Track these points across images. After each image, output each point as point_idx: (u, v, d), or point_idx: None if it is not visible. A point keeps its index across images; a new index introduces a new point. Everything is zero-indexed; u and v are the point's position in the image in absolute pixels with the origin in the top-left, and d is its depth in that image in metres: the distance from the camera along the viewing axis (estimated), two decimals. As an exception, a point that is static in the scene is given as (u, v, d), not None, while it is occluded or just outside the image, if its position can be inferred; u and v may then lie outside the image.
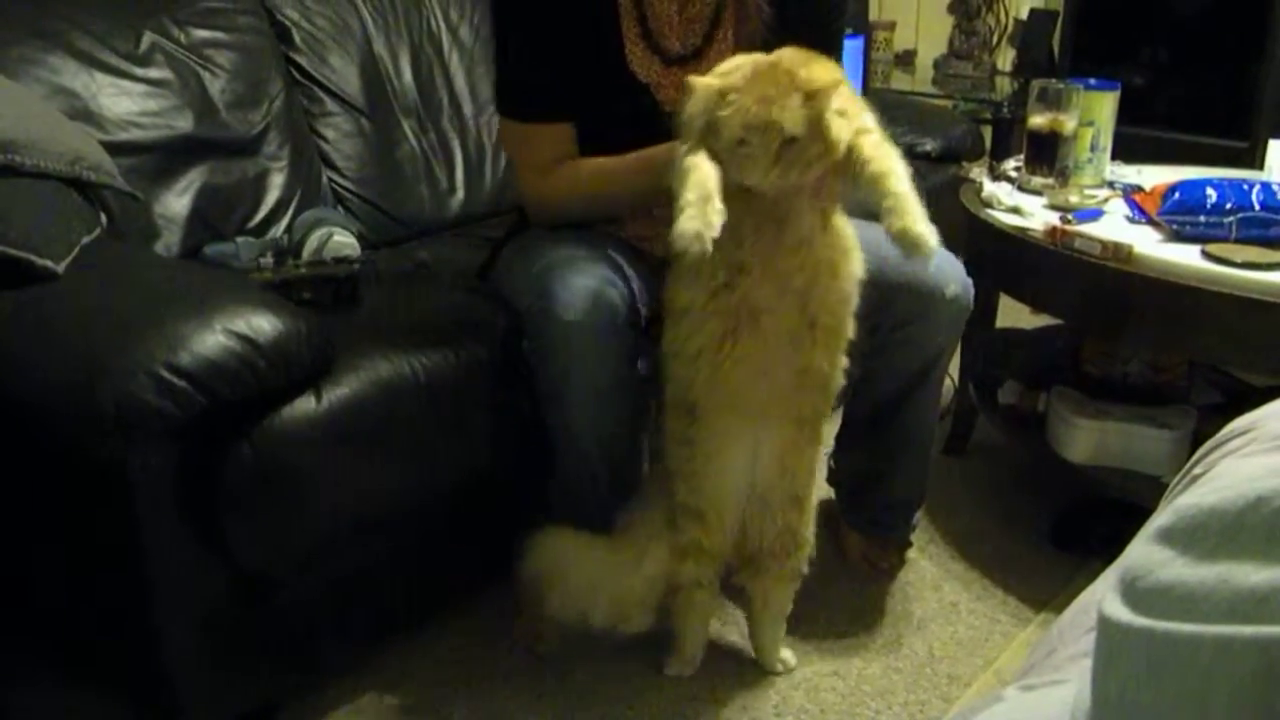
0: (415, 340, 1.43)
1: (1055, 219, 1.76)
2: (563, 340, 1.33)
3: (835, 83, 1.16)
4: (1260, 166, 2.04)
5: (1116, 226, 1.74)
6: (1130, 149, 2.06)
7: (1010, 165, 2.05)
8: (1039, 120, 1.91)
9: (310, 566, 1.33)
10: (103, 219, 1.52)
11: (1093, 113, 1.91)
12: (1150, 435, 1.76)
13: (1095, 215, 1.78)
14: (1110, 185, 1.94)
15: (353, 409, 1.31)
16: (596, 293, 1.33)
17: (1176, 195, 1.67)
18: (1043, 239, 1.73)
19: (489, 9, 1.54)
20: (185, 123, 1.81)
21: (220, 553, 1.24)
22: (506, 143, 1.66)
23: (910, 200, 1.16)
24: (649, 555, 1.42)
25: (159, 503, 1.18)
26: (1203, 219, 1.62)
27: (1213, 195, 1.63)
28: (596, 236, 1.48)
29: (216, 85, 1.87)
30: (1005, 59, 3.47)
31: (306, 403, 1.27)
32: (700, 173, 1.16)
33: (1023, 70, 3.23)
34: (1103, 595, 0.43)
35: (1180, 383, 1.92)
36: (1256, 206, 1.60)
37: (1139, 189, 1.86)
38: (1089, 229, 1.70)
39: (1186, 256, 1.59)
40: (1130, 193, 1.84)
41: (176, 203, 1.77)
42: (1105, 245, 1.62)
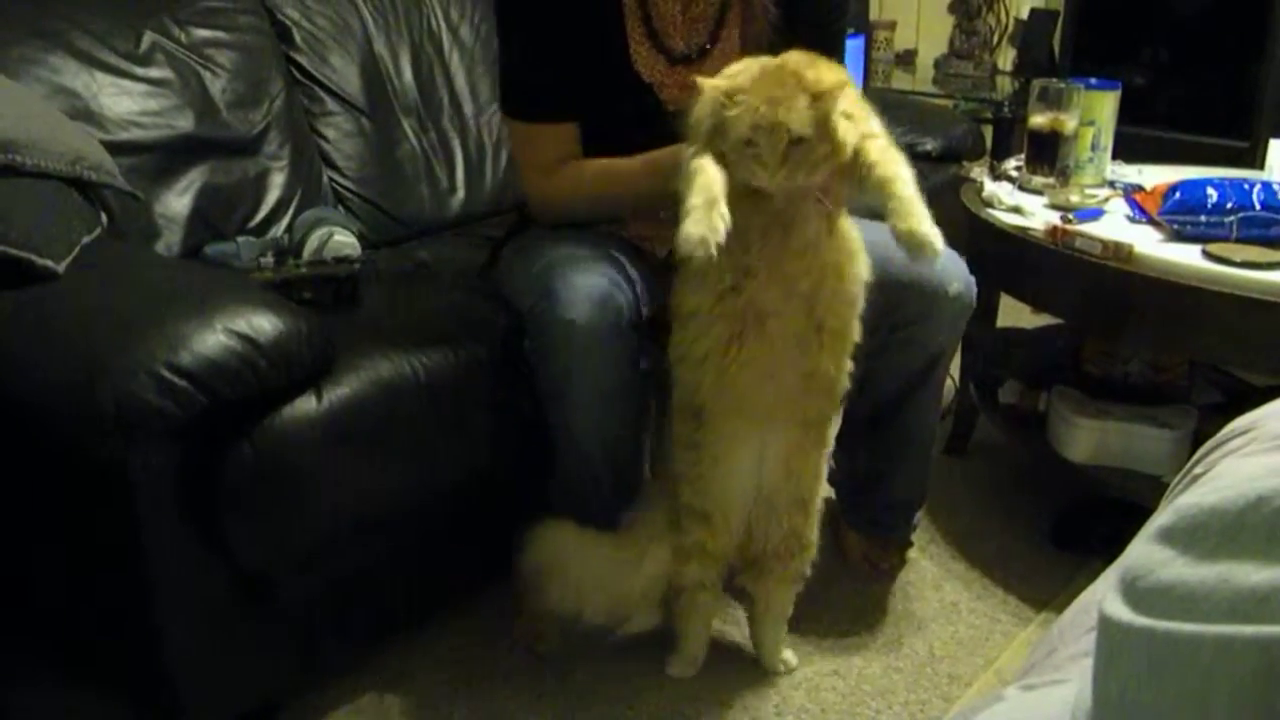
0: (416, 340, 1.43)
1: (1056, 218, 1.76)
2: (564, 340, 1.33)
3: (841, 84, 1.17)
4: (1261, 166, 2.04)
5: (1117, 226, 1.74)
6: (1131, 149, 2.06)
7: (1011, 165, 2.05)
8: (1040, 120, 1.91)
9: (310, 566, 1.33)
10: (103, 219, 1.52)
11: (1093, 112, 1.91)
12: (1151, 435, 1.76)
13: (1096, 215, 1.78)
14: (1111, 185, 1.94)
15: (353, 409, 1.31)
16: (599, 292, 1.33)
17: (1177, 195, 1.67)
18: (1043, 238, 1.73)
19: (493, 8, 1.54)
20: (186, 122, 1.81)
21: (220, 552, 1.24)
22: (511, 142, 1.66)
23: (916, 203, 1.16)
24: (650, 556, 1.42)
25: (159, 502, 1.18)
26: (1203, 219, 1.62)
27: (1213, 195, 1.63)
28: (598, 236, 1.48)
29: (217, 85, 1.87)
30: (1006, 59, 3.47)
31: (307, 402, 1.27)
32: (706, 176, 1.16)
33: (1023, 70, 3.22)
34: (1103, 595, 0.43)
35: (1181, 382, 1.92)
36: (1257, 206, 1.60)
37: (1140, 189, 1.86)
38: (1090, 228, 1.70)
39: (1187, 256, 1.59)
40: (1131, 192, 1.84)
41: (177, 202, 1.77)
42: (1106, 245, 1.62)
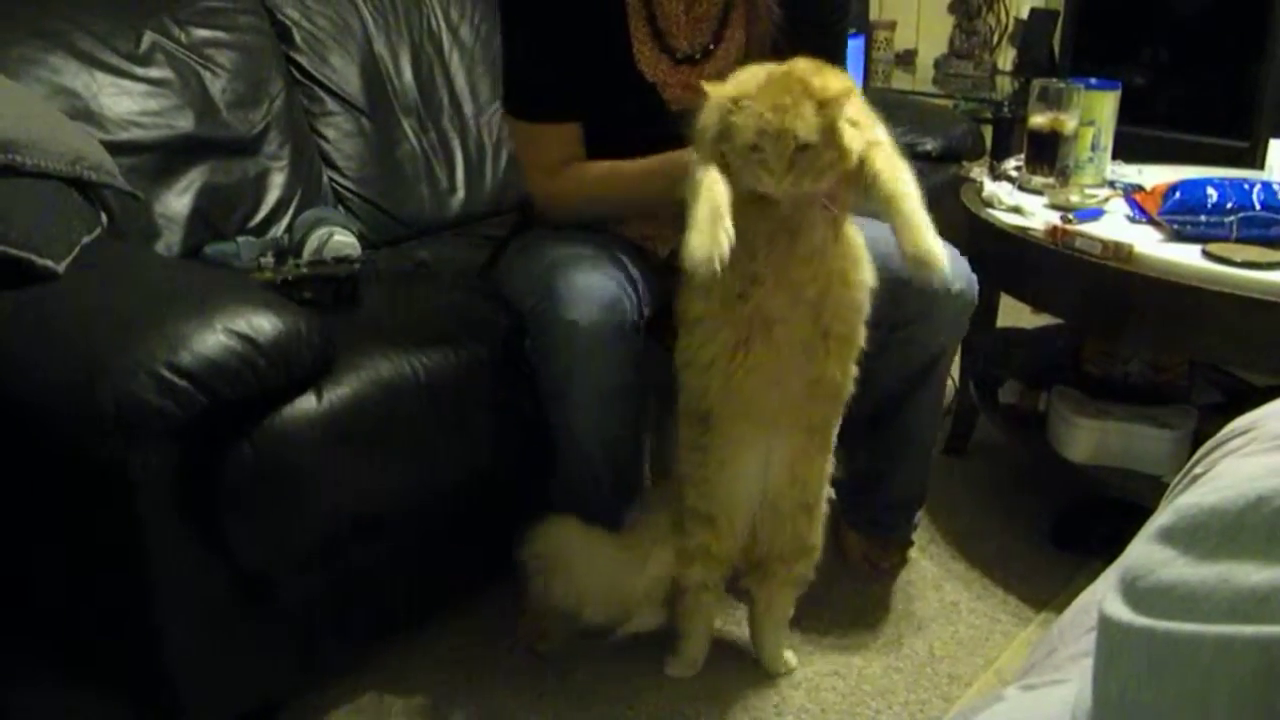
0: (416, 340, 1.43)
1: (1056, 218, 1.76)
2: (566, 340, 1.33)
3: (847, 91, 1.17)
4: (1261, 166, 2.04)
5: (1117, 226, 1.74)
6: (1131, 148, 2.06)
7: (1011, 165, 2.05)
8: (1040, 120, 1.91)
9: (310, 566, 1.33)
10: (103, 219, 1.52)
11: (1093, 112, 1.91)
12: (1151, 435, 1.76)
13: (1096, 215, 1.78)
14: (1111, 185, 1.94)
15: (353, 408, 1.31)
16: (601, 292, 1.33)
17: (1177, 195, 1.66)
18: (1043, 238, 1.73)
19: (496, 8, 1.54)
20: (186, 122, 1.81)
21: (221, 552, 1.24)
22: (515, 142, 1.66)
23: (921, 219, 1.17)
24: (654, 557, 1.43)
25: (159, 502, 1.18)
26: (1203, 218, 1.62)
27: (1213, 195, 1.62)
28: (600, 236, 1.48)
29: (217, 85, 1.87)
30: (1006, 58, 3.47)
31: (307, 402, 1.27)
32: (711, 189, 1.16)
33: (1023, 70, 3.22)
34: (1103, 595, 0.43)
35: (1181, 382, 1.92)
36: (1257, 206, 1.59)
37: (1140, 188, 1.86)
38: (1090, 228, 1.70)
39: (1187, 256, 1.59)
40: (1131, 192, 1.84)
41: (177, 202, 1.77)
42: (1106, 245, 1.62)
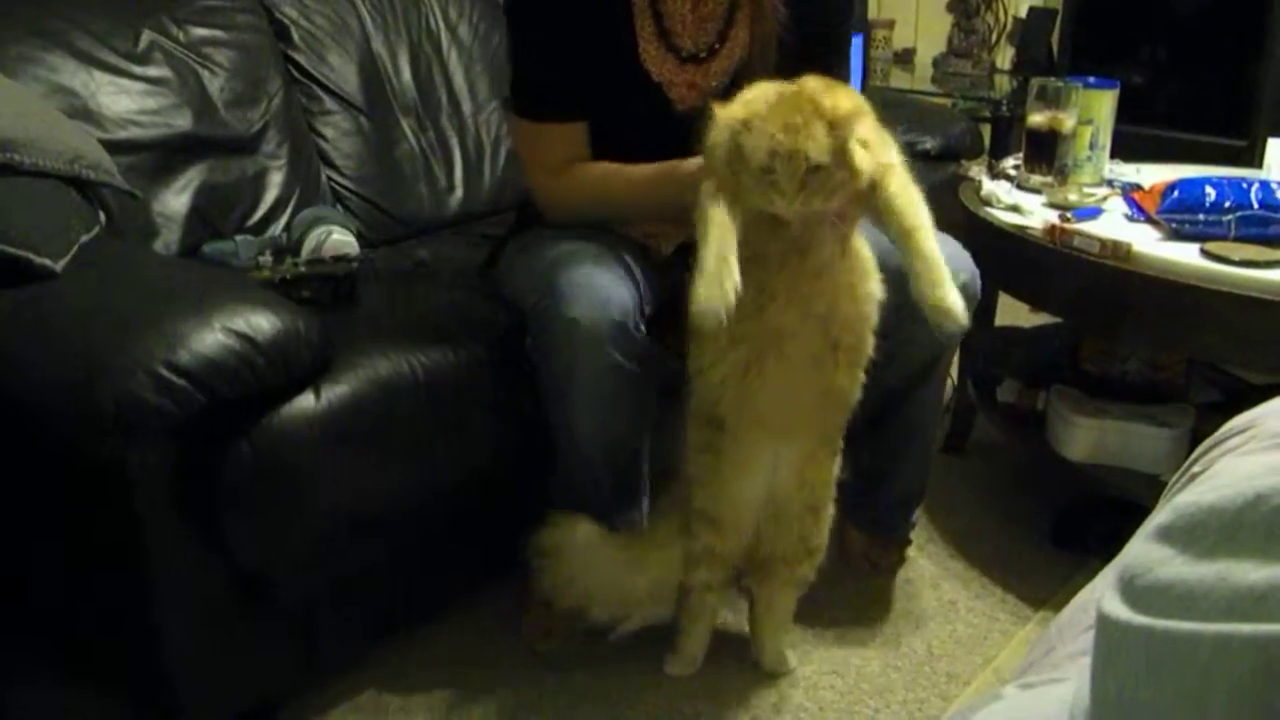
0: (415, 339, 1.43)
1: (1054, 217, 1.76)
2: (567, 338, 1.32)
3: (858, 111, 1.17)
4: (1259, 165, 2.03)
5: (1115, 225, 1.74)
6: (1129, 147, 2.06)
7: (1009, 163, 2.05)
8: (1038, 118, 1.91)
9: (310, 565, 1.33)
10: (101, 217, 1.51)
11: (1092, 111, 1.91)
12: (1149, 433, 1.76)
13: (1094, 213, 1.78)
14: (1109, 183, 1.94)
15: (352, 408, 1.31)
16: (603, 290, 1.33)
17: (1175, 194, 1.66)
18: (1042, 237, 1.72)
19: (502, 7, 1.54)
20: (184, 121, 1.81)
21: (219, 551, 1.24)
22: (518, 142, 1.66)
23: (941, 267, 1.17)
24: (659, 559, 1.43)
25: (158, 501, 1.18)
26: (1201, 217, 1.62)
27: (1211, 194, 1.62)
28: (602, 234, 1.47)
29: (215, 83, 1.87)
30: (1004, 57, 3.47)
31: (306, 401, 1.27)
32: (720, 229, 1.17)
33: (1022, 68, 3.22)
34: (1102, 593, 0.43)
35: (1179, 381, 1.92)
36: (1255, 205, 1.60)
37: (1138, 187, 1.86)
38: (1088, 227, 1.70)
39: (1185, 255, 1.59)
40: (1129, 191, 1.84)
41: (175, 201, 1.77)
42: (1104, 243, 1.62)
